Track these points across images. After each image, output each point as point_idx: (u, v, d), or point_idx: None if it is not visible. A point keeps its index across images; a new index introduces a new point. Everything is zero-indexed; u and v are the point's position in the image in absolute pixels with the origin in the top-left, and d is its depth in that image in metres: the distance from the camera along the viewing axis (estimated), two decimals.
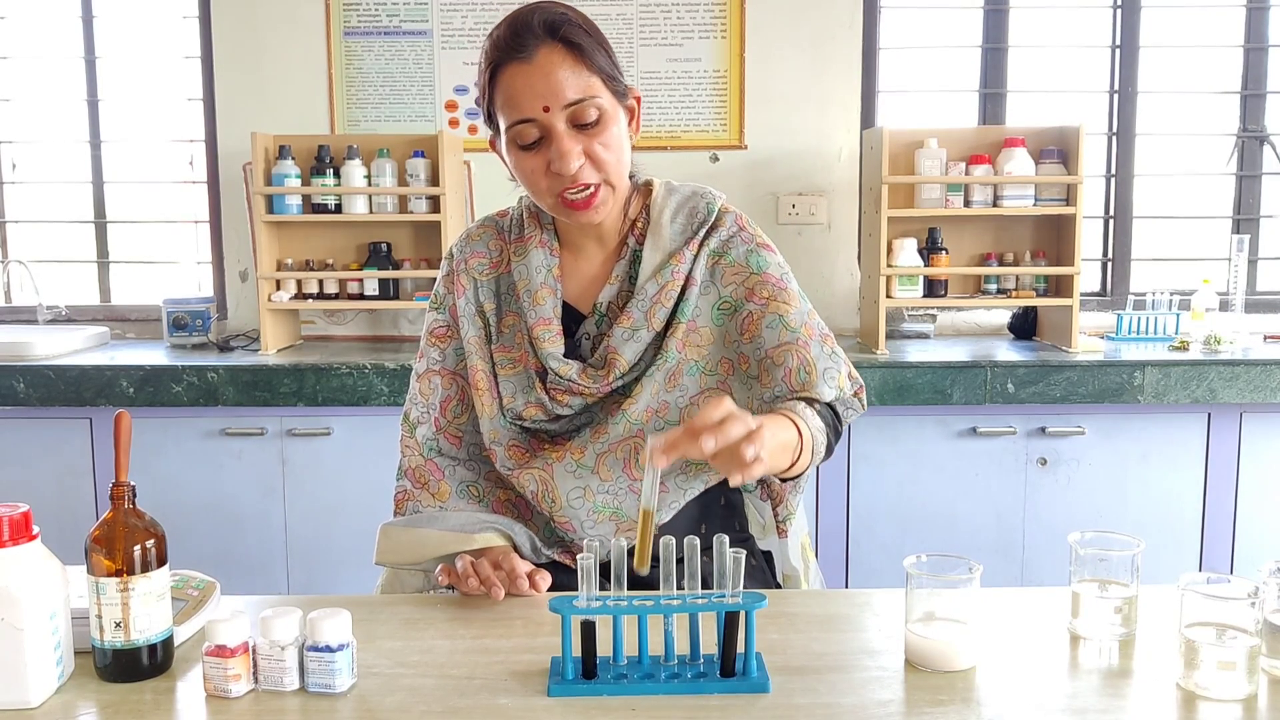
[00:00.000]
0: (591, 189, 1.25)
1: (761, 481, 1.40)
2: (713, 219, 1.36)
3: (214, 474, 2.63)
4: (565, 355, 1.34)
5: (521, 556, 1.29)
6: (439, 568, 1.25)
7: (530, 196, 1.32)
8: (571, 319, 1.37)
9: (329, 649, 0.97)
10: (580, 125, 1.23)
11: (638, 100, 1.32)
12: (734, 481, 1.04)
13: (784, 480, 1.34)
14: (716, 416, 1.03)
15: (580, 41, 1.23)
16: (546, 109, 1.21)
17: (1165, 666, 1.03)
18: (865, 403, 1.38)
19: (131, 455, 1.04)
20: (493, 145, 1.34)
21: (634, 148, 1.32)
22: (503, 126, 1.25)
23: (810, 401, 1.29)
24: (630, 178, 1.36)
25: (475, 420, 1.39)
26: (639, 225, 1.37)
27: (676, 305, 1.32)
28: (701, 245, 1.35)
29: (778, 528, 1.36)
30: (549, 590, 1.22)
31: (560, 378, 1.31)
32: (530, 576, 1.21)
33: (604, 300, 1.35)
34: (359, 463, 2.63)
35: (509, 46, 1.21)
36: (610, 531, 1.29)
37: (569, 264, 1.38)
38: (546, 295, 1.34)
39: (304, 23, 3.04)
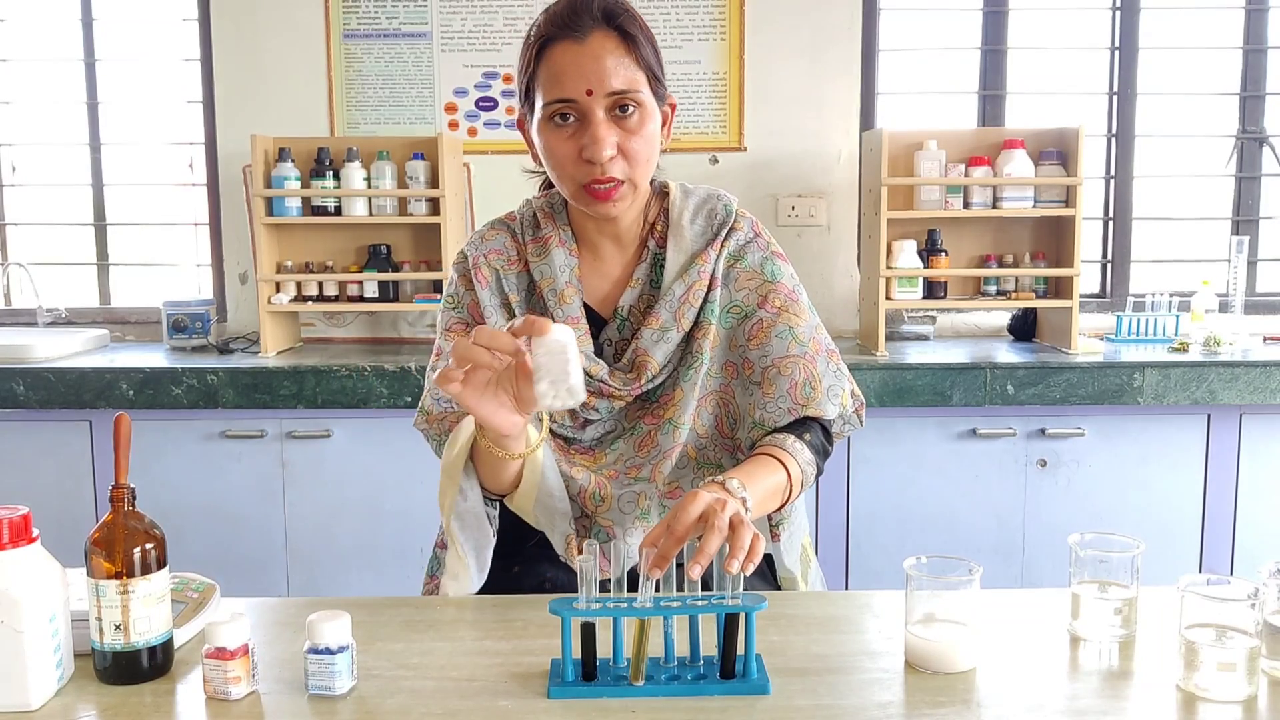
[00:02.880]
0: (614, 183, 1.24)
1: None
2: (731, 220, 1.36)
3: (214, 476, 2.63)
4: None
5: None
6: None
7: (553, 179, 1.30)
8: (592, 324, 1.35)
9: (328, 651, 0.97)
10: (618, 117, 1.22)
11: (673, 107, 1.32)
12: (733, 571, 0.99)
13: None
14: (694, 515, 1.01)
15: (634, 33, 1.23)
16: (590, 92, 1.20)
17: (1165, 668, 1.03)
18: (863, 419, 1.39)
19: (131, 457, 1.04)
20: (521, 125, 1.33)
21: None
22: (539, 103, 1.24)
23: (804, 424, 1.29)
24: (650, 182, 1.35)
25: None
26: (658, 228, 1.36)
27: (703, 306, 1.32)
28: (723, 246, 1.35)
29: (771, 532, 1.36)
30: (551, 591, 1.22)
31: (591, 378, 1.29)
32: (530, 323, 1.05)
33: (626, 304, 1.34)
34: (359, 465, 2.63)
35: (564, 23, 1.21)
36: (638, 537, 1.28)
37: (587, 266, 1.36)
38: (572, 294, 1.33)
39: (303, 25, 3.04)
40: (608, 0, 1.22)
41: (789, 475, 1.22)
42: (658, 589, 1.00)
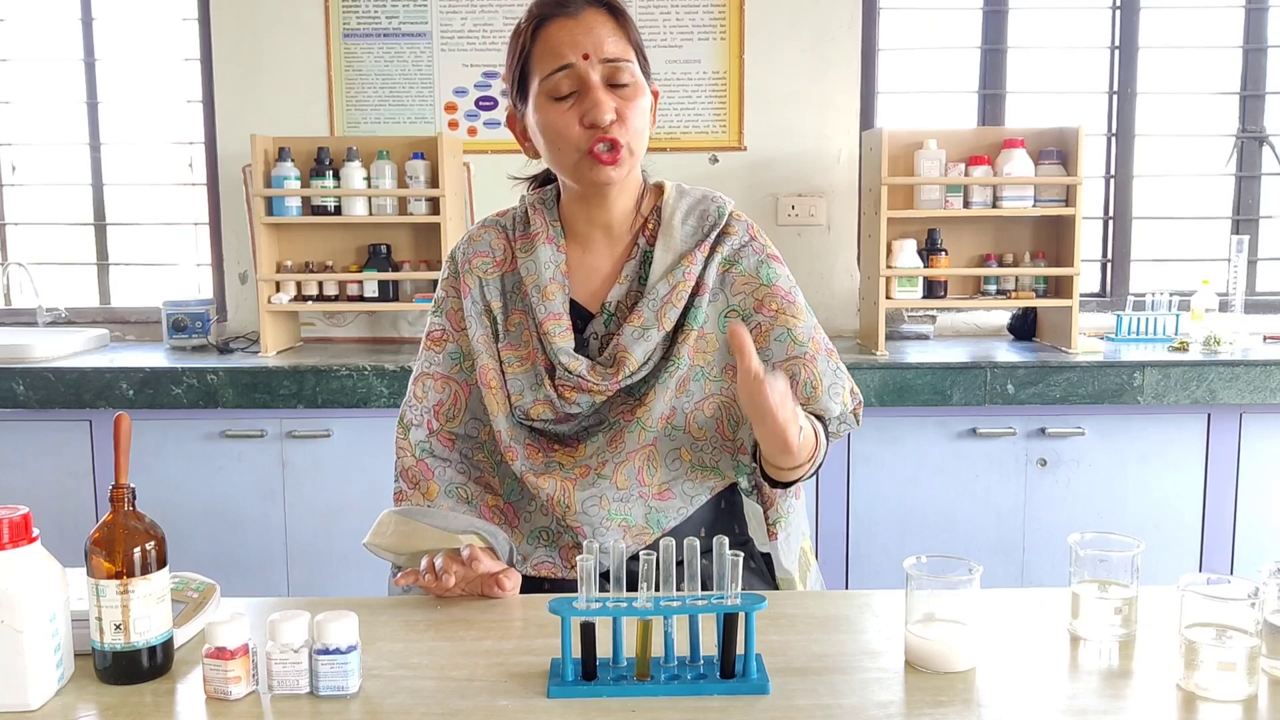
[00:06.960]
0: (617, 146, 1.27)
1: (757, 483, 1.40)
2: (724, 223, 1.37)
3: (214, 476, 2.63)
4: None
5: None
6: (400, 573, 1.25)
7: (551, 158, 1.31)
8: (578, 317, 1.36)
9: (339, 651, 0.97)
10: (613, 85, 1.27)
11: (655, 95, 1.35)
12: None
13: (781, 485, 1.34)
14: (780, 391, 1.12)
15: (623, 10, 1.30)
16: (586, 56, 1.25)
17: (1165, 667, 1.03)
18: (860, 419, 1.41)
19: (131, 457, 1.04)
20: (510, 123, 1.36)
21: None
22: (536, 81, 1.27)
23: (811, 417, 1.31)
24: (642, 174, 1.37)
25: (468, 425, 1.39)
26: (650, 225, 1.37)
27: (687, 309, 1.33)
28: (713, 249, 1.35)
29: (768, 530, 1.36)
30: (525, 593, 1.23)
31: (569, 373, 1.31)
32: (497, 578, 1.22)
33: (613, 300, 1.35)
34: (359, 465, 2.63)
35: (557, 3, 1.27)
36: (618, 537, 1.29)
37: (576, 261, 1.38)
38: (555, 290, 1.34)
39: (303, 25, 3.04)
40: None
41: (816, 440, 1.28)
42: (656, 589, 1.00)
